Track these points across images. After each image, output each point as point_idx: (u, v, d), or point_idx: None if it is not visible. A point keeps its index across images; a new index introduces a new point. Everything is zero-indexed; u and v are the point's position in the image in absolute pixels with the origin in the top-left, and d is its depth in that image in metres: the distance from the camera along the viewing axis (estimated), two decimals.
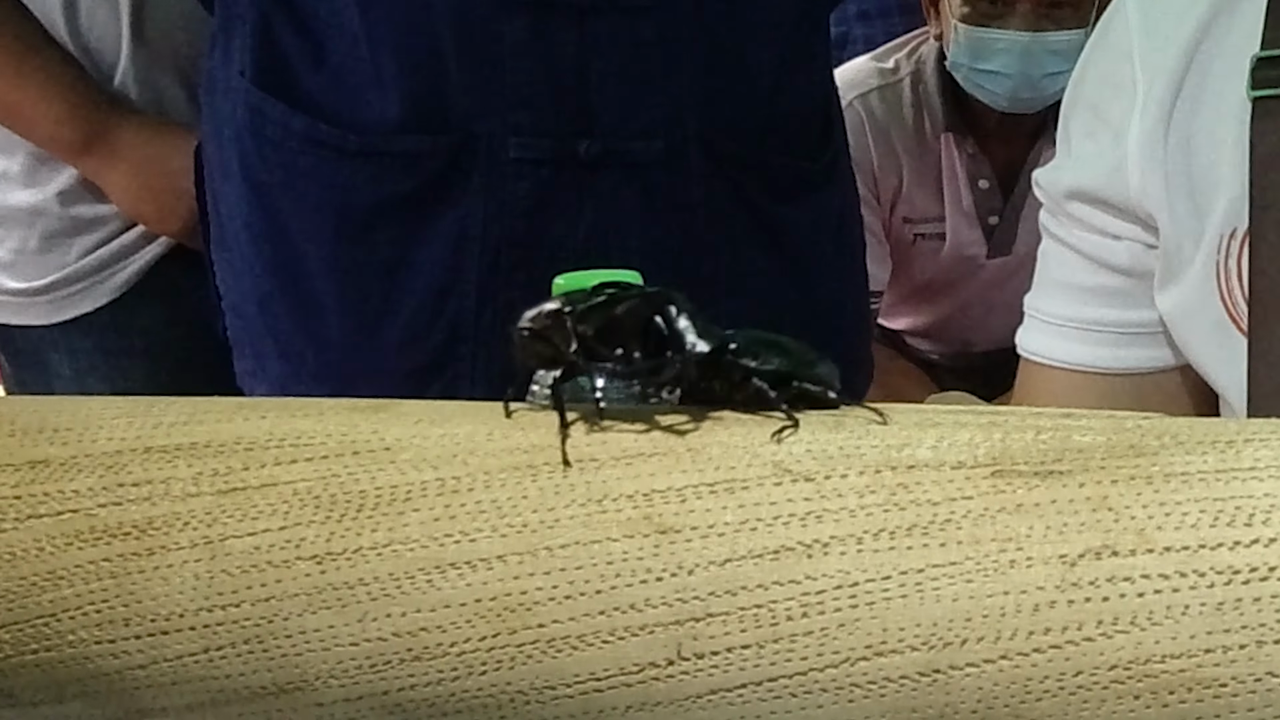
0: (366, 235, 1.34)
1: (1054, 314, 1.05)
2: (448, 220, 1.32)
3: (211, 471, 0.65)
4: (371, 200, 1.33)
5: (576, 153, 1.31)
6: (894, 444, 0.59)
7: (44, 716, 0.68)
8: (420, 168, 1.31)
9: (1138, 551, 0.53)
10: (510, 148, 1.30)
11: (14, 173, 1.69)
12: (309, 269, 1.36)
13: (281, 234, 1.36)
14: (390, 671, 0.61)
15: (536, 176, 1.31)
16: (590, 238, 1.33)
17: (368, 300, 1.35)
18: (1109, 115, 1.00)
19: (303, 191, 1.35)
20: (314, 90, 1.34)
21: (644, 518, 0.58)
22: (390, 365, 1.34)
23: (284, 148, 1.35)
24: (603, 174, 1.32)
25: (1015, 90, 2.28)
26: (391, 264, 1.34)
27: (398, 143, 1.31)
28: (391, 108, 1.31)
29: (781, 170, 1.41)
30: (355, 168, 1.33)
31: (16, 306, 1.72)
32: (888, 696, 0.55)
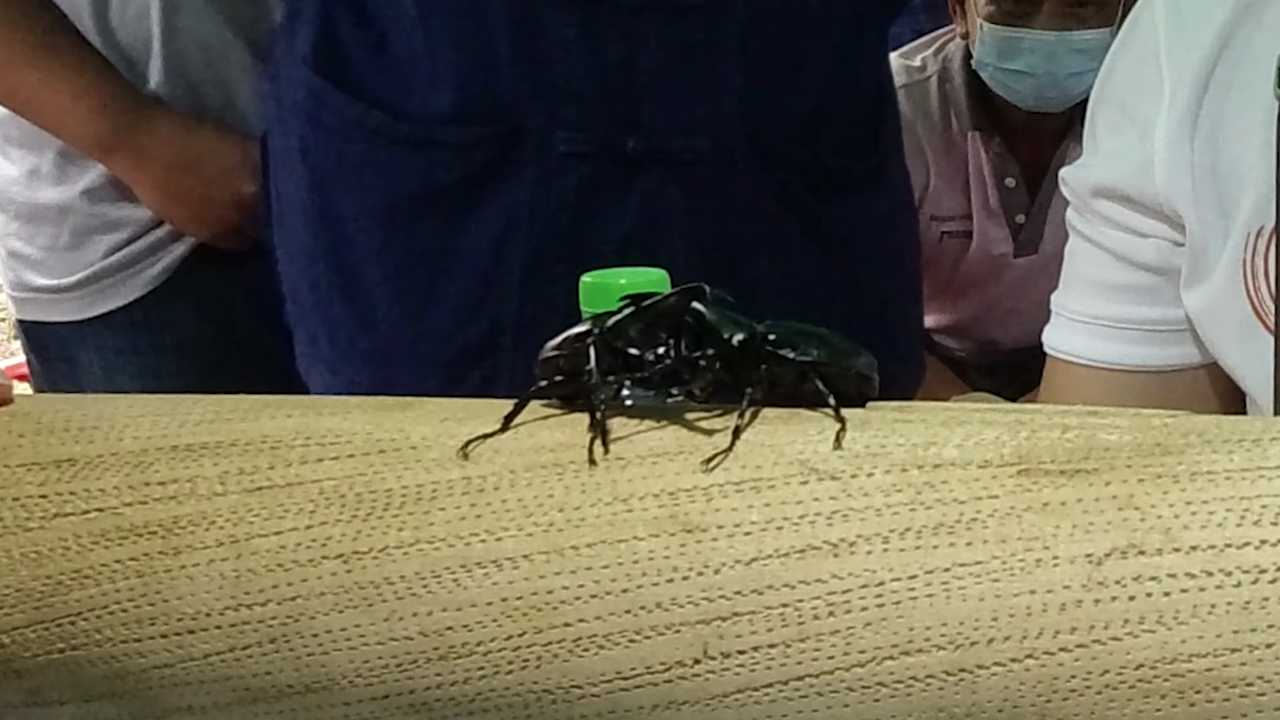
0: (414, 223, 1.36)
1: (1081, 311, 1.05)
2: (494, 210, 1.34)
3: (238, 470, 0.66)
4: (420, 188, 1.35)
5: (624, 148, 1.32)
6: (920, 442, 0.59)
7: (70, 715, 0.68)
8: (469, 158, 1.34)
9: (1164, 550, 0.54)
10: (559, 141, 1.32)
11: (44, 170, 1.70)
12: (359, 254, 1.39)
13: (335, 219, 1.40)
14: (416, 670, 0.61)
15: (583, 171, 1.33)
16: (634, 233, 1.34)
17: (413, 287, 1.37)
18: (1136, 113, 1.01)
19: (356, 178, 1.38)
20: (371, 79, 1.36)
21: (670, 516, 0.59)
22: (433, 351, 1.37)
23: (339, 134, 1.38)
24: (649, 170, 1.33)
25: (1041, 89, 2.28)
26: (438, 252, 1.36)
27: (448, 133, 1.34)
28: (444, 98, 1.33)
29: (828, 170, 1.42)
30: (406, 156, 1.35)
31: (46, 303, 1.73)
32: (914, 696, 0.56)
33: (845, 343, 0.67)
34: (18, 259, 1.75)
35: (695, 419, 0.63)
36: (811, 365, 0.65)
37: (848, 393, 0.65)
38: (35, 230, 1.72)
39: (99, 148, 1.62)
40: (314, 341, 1.45)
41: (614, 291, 0.84)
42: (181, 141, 1.61)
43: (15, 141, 1.71)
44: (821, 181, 1.41)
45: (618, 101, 1.32)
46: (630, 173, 1.33)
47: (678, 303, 0.65)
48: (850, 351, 0.67)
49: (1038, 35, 2.25)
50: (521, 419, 0.65)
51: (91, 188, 1.67)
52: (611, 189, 1.34)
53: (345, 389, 1.42)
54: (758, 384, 0.63)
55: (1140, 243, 1.01)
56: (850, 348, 0.67)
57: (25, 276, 1.74)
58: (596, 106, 1.32)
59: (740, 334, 0.64)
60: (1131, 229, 1.01)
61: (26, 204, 1.72)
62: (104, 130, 1.59)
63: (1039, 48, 2.26)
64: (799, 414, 0.63)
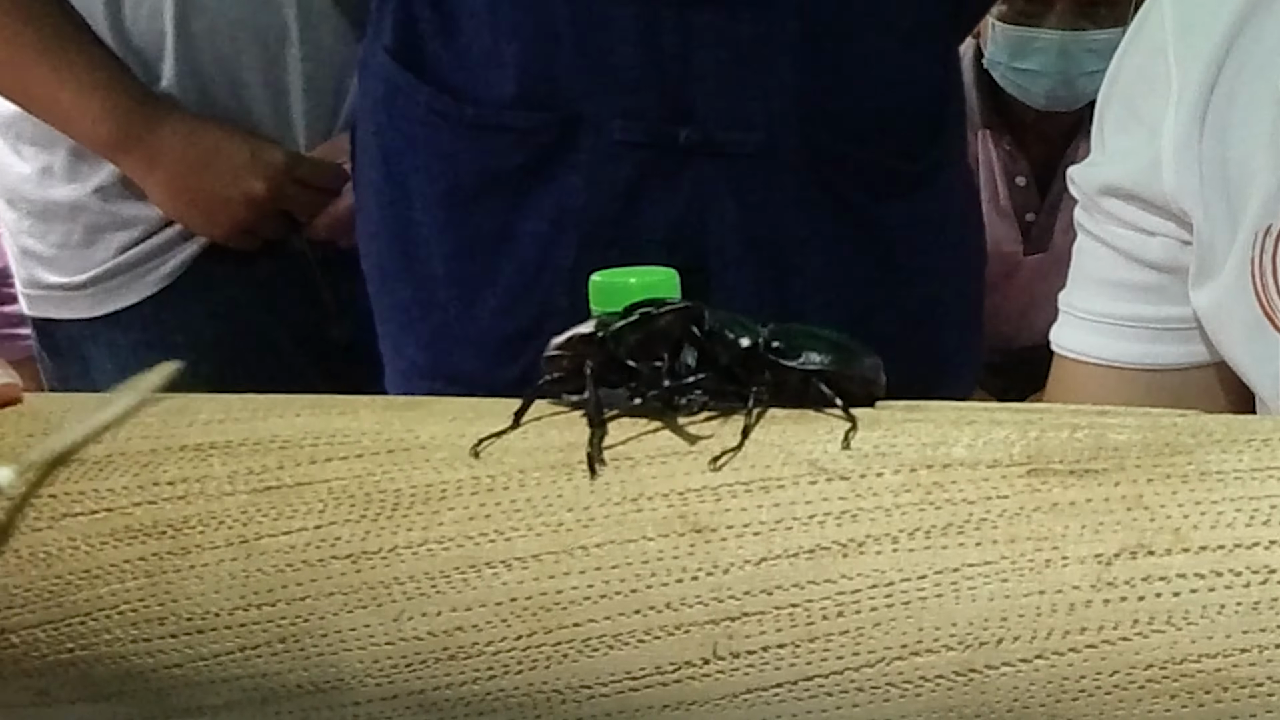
0: (472, 206, 1.40)
1: (1088, 310, 1.05)
2: (548, 196, 1.37)
3: (246, 470, 0.66)
4: (478, 172, 1.39)
5: (676, 139, 1.35)
6: (929, 442, 0.60)
7: (79, 715, 0.69)
8: (527, 143, 1.37)
9: (1173, 551, 0.54)
10: (614, 129, 1.35)
11: (56, 168, 1.70)
12: (423, 236, 1.43)
13: (404, 203, 1.44)
14: (425, 670, 0.62)
15: (636, 159, 1.35)
16: (683, 222, 1.37)
17: (471, 269, 1.41)
18: (1144, 111, 1.01)
19: (423, 160, 1.41)
20: (442, 65, 1.40)
21: (679, 516, 0.59)
22: (485, 333, 1.41)
23: (410, 118, 1.42)
24: (700, 161, 1.36)
25: (1053, 89, 2.29)
26: (495, 234, 1.39)
27: (510, 117, 1.37)
28: (507, 85, 1.36)
29: (880, 168, 1.43)
30: (469, 139, 1.38)
31: (58, 300, 1.73)
32: (924, 696, 0.56)
33: (852, 345, 0.67)
34: (30, 256, 1.75)
35: (704, 419, 0.63)
36: (816, 373, 0.65)
37: (854, 395, 0.65)
38: (47, 228, 1.73)
39: (110, 147, 1.62)
40: (385, 323, 1.50)
41: (623, 291, 0.85)
42: (192, 141, 1.62)
43: (28, 139, 1.71)
44: (873, 181, 1.42)
45: (672, 92, 1.34)
46: (682, 163, 1.36)
47: (678, 319, 0.65)
48: (856, 355, 0.67)
49: (1050, 34, 2.26)
50: (531, 418, 0.65)
51: (104, 185, 1.68)
52: (663, 178, 1.36)
53: (406, 368, 1.47)
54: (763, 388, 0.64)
55: (1148, 241, 1.01)
56: (856, 351, 0.67)
57: (37, 274, 1.75)
58: (651, 97, 1.34)
59: (744, 342, 0.65)
60: (1139, 227, 1.01)
61: (39, 202, 1.73)
62: (115, 130, 1.60)
63: (1051, 47, 2.26)
64: (808, 414, 0.63)
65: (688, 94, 1.34)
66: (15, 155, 1.74)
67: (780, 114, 1.35)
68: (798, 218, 1.38)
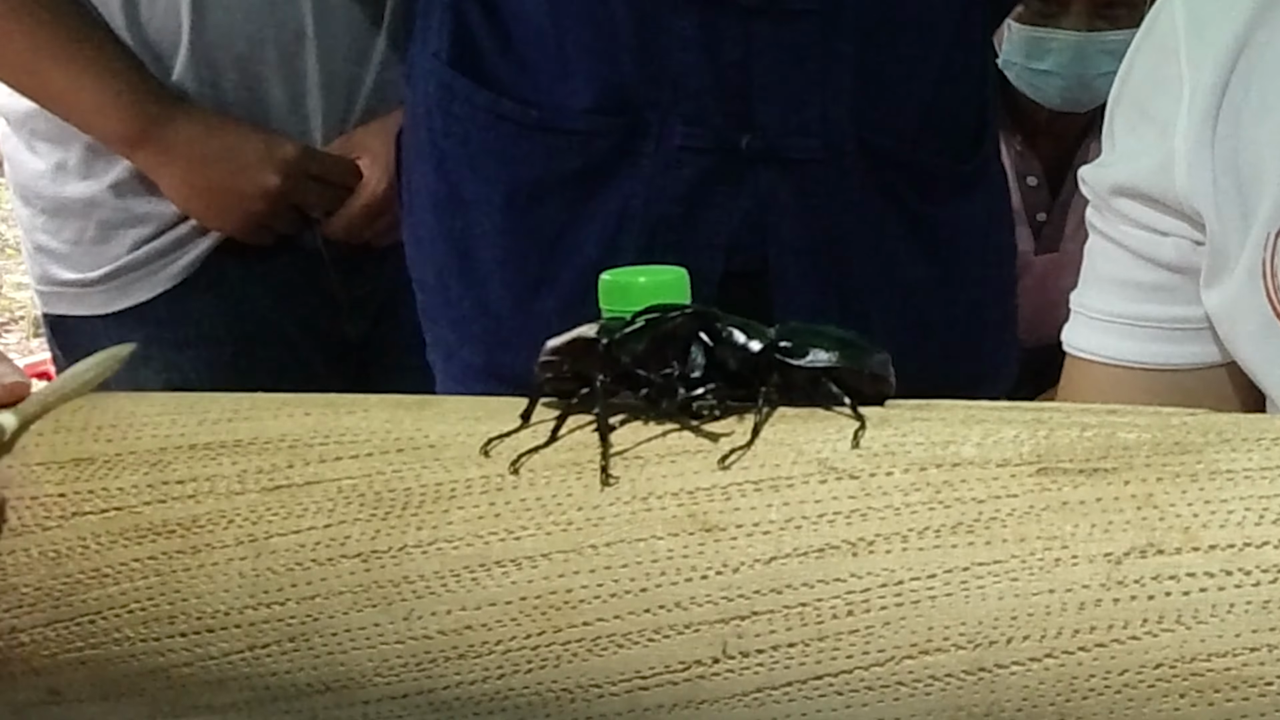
0: (532, 208, 1.41)
1: (1100, 310, 1.05)
2: (611, 199, 1.38)
3: (256, 469, 0.66)
4: (541, 174, 1.40)
5: (738, 146, 1.36)
6: (939, 441, 0.60)
7: (89, 713, 0.69)
8: (592, 146, 1.38)
9: (1183, 549, 0.54)
10: (676, 135, 1.36)
11: (71, 164, 1.71)
12: (480, 239, 1.43)
13: (460, 205, 1.44)
14: (435, 669, 0.62)
15: (698, 164, 1.36)
16: (743, 227, 1.38)
17: (527, 271, 1.42)
18: (1155, 112, 1.01)
19: (482, 163, 1.42)
20: (500, 71, 1.41)
21: (689, 515, 0.60)
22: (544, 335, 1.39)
23: (469, 122, 1.42)
24: (761, 168, 1.37)
25: (1068, 90, 2.29)
26: (554, 236, 1.40)
27: (574, 120, 1.38)
28: (572, 90, 1.38)
29: (934, 171, 1.45)
30: (530, 141, 1.40)
31: (72, 297, 1.74)
32: (933, 695, 0.56)
33: (859, 343, 0.67)
34: (44, 253, 1.76)
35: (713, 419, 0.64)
36: (824, 370, 0.65)
37: (863, 392, 0.65)
38: (61, 224, 1.73)
39: (124, 143, 1.63)
40: (436, 327, 1.51)
41: (633, 290, 0.85)
42: (206, 137, 1.62)
43: (42, 136, 1.72)
44: (927, 183, 1.44)
45: (733, 100, 1.36)
46: (743, 169, 1.37)
47: (685, 324, 0.65)
48: (864, 352, 0.67)
49: (1066, 35, 2.26)
50: (540, 418, 0.66)
51: (118, 182, 1.68)
52: (724, 184, 1.37)
53: (459, 372, 1.48)
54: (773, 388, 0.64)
55: (1160, 241, 1.01)
56: (864, 348, 0.67)
57: (51, 270, 1.76)
58: (712, 104, 1.35)
59: (752, 344, 0.65)
60: (1151, 227, 1.02)
61: (53, 198, 1.73)
62: (129, 125, 1.60)
63: (1067, 48, 2.26)
64: (817, 413, 0.64)
65: (748, 101, 1.35)
66: (30, 152, 1.75)
67: (838, 120, 1.37)
68: (856, 221, 1.39)
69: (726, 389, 0.64)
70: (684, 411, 0.64)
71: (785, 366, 0.65)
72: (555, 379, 0.67)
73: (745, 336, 0.65)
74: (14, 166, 1.77)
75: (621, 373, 0.65)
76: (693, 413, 0.64)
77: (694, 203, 1.36)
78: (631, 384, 0.65)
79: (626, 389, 0.65)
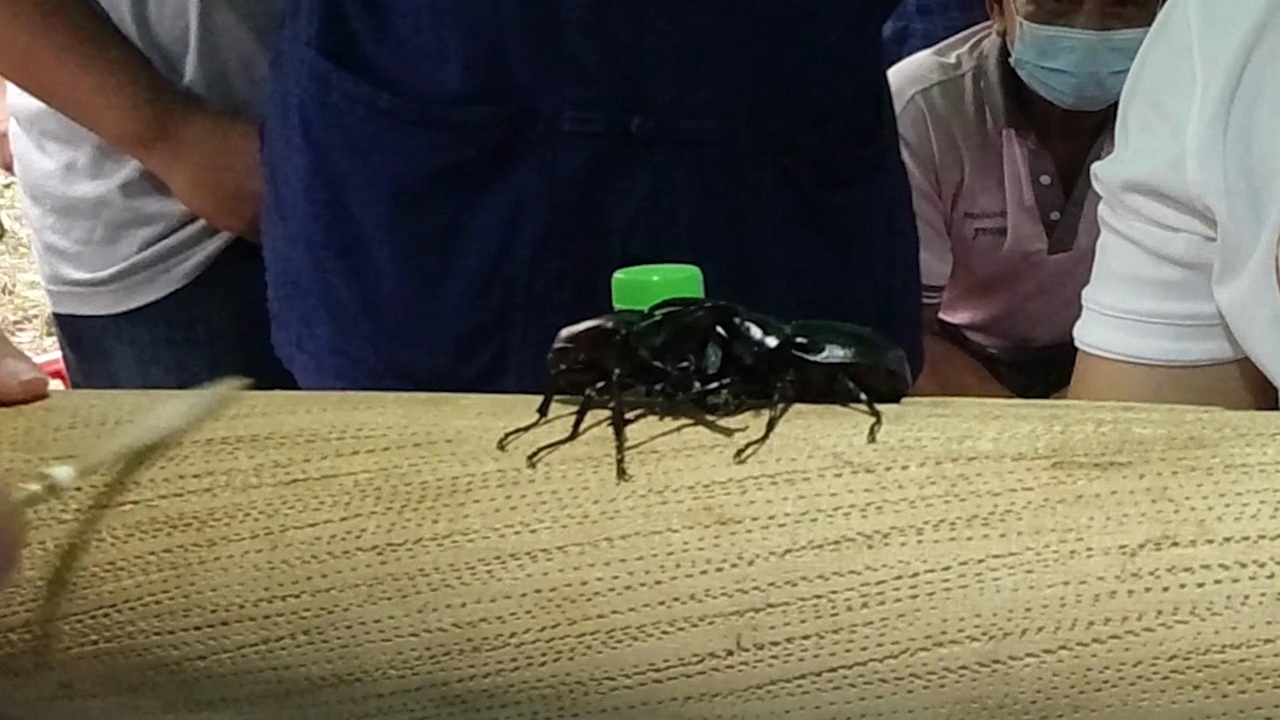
0: (423, 203, 1.39)
1: (1112, 306, 1.06)
2: (503, 190, 1.37)
3: (273, 463, 0.67)
4: (429, 168, 1.38)
5: (629, 128, 1.35)
6: (955, 436, 0.61)
7: (102, 708, 0.70)
8: (478, 138, 1.37)
9: (1198, 542, 0.55)
10: (565, 121, 1.35)
11: (80, 164, 1.73)
12: (366, 236, 1.41)
13: (341, 201, 1.42)
14: (449, 662, 0.63)
15: (590, 150, 1.35)
16: (641, 212, 1.37)
17: (423, 266, 1.40)
18: (1168, 108, 1.02)
19: (363, 159, 1.41)
20: (378, 60, 1.39)
21: (704, 508, 0.60)
22: (443, 330, 1.40)
23: (347, 115, 1.41)
24: (655, 150, 1.36)
25: (1081, 88, 2.30)
26: (447, 231, 1.39)
27: (457, 113, 1.36)
28: (452, 79, 1.36)
29: (832, 155, 1.45)
30: (414, 136, 1.38)
31: (81, 297, 1.76)
32: (947, 687, 0.57)
33: (875, 339, 0.68)
34: (54, 252, 1.78)
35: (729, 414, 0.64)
36: (840, 366, 0.66)
37: (879, 389, 0.66)
38: (71, 224, 1.75)
39: (134, 143, 1.64)
40: (309, 325, 1.48)
41: (647, 289, 0.86)
42: (215, 137, 1.64)
43: (52, 135, 1.74)
44: (826, 167, 1.44)
45: (624, 82, 1.34)
46: (637, 153, 1.36)
47: (705, 319, 0.66)
48: (879, 348, 0.68)
49: (1079, 34, 2.27)
50: (555, 412, 0.66)
51: (127, 182, 1.70)
52: (619, 168, 1.36)
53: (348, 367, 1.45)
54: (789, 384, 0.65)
55: (1172, 238, 1.02)
56: (879, 344, 0.68)
57: (61, 270, 1.77)
58: (604, 86, 1.34)
59: (769, 340, 0.66)
60: (1163, 224, 1.02)
61: (63, 198, 1.75)
62: (139, 126, 1.62)
63: (1080, 46, 2.27)
64: (833, 409, 0.64)
65: (641, 82, 1.34)
66: (40, 151, 1.77)
67: (735, 101, 1.36)
68: (755, 206, 1.39)
69: (742, 384, 0.65)
70: (699, 406, 0.64)
71: (801, 363, 0.66)
72: (569, 369, 0.68)
73: (762, 332, 0.66)
74: (24, 166, 1.79)
75: (637, 366, 0.65)
76: (708, 407, 0.64)
77: (588, 188, 1.36)
78: (648, 377, 0.65)
79: (642, 382, 0.66)
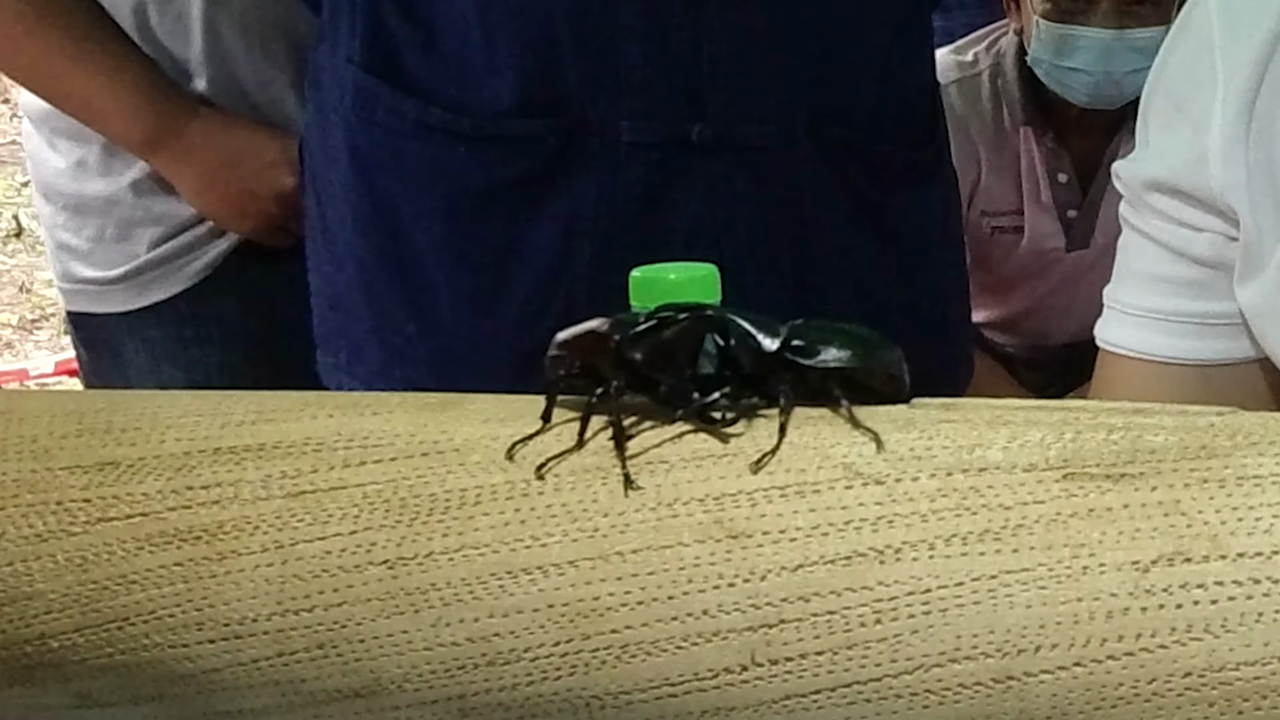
0: (478, 220, 1.37)
1: (1133, 305, 1.06)
2: (560, 204, 1.35)
3: (280, 474, 0.68)
4: (483, 184, 1.37)
5: (688, 137, 1.34)
6: (965, 445, 0.61)
7: (118, 718, 0.71)
8: (533, 152, 1.35)
9: (1210, 558, 0.55)
10: (623, 132, 1.33)
11: (90, 162, 1.73)
12: (418, 254, 1.40)
13: (390, 219, 1.41)
14: (464, 676, 0.63)
15: (648, 160, 1.34)
16: (700, 221, 1.36)
17: (480, 285, 1.39)
18: (1190, 107, 1.01)
19: (412, 176, 1.39)
20: (424, 76, 1.37)
21: (715, 522, 0.61)
22: (502, 350, 1.38)
23: (394, 132, 1.39)
24: (714, 158, 1.35)
25: (1097, 87, 2.31)
26: (503, 249, 1.37)
27: (510, 127, 1.35)
28: (504, 92, 1.34)
29: (889, 159, 1.45)
30: (467, 152, 1.36)
31: (93, 295, 1.77)
32: (962, 703, 0.57)
33: (872, 340, 0.68)
34: (66, 250, 1.79)
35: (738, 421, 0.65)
36: (837, 371, 0.66)
37: (879, 391, 0.66)
38: (82, 222, 1.76)
39: (141, 145, 1.65)
40: (357, 349, 1.46)
41: (664, 287, 0.86)
42: (222, 138, 1.64)
43: (63, 133, 1.74)
44: (882, 172, 1.43)
45: (681, 89, 1.33)
46: (695, 161, 1.35)
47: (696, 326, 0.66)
48: (877, 350, 0.68)
49: (1094, 33, 2.27)
50: (563, 419, 0.67)
51: (137, 180, 1.71)
52: (677, 178, 1.35)
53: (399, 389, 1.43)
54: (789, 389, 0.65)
55: (1193, 236, 1.02)
56: (877, 345, 0.68)
57: (73, 268, 1.78)
58: (661, 95, 1.33)
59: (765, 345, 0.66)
60: (1184, 223, 1.02)
61: (74, 196, 1.76)
62: (146, 128, 1.62)
63: (1095, 45, 2.27)
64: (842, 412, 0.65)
65: (699, 90, 1.33)
66: (51, 149, 1.77)
67: (792, 106, 1.36)
68: (813, 211, 1.39)
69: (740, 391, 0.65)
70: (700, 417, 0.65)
71: (798, 367, 0.66)
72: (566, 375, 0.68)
73: (758, 336, 0.66)
74: (36, 164, 1.80)
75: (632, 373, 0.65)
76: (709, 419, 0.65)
77: (647, 200, 1.34)
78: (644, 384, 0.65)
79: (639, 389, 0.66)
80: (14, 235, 6.15)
